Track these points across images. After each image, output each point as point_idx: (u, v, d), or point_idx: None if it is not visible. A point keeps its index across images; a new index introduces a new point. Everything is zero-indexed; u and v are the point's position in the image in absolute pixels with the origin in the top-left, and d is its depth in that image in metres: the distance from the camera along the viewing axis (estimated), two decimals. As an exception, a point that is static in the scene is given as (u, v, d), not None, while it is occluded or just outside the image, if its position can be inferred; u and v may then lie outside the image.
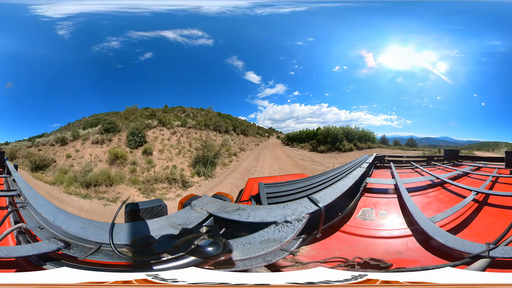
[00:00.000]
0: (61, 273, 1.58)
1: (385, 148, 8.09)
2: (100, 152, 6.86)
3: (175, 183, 6.76)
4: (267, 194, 2.95)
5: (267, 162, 9.07)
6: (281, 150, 10.44)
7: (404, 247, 2.07)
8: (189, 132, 9.09)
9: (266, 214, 2.00)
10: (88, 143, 7.05)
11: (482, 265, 1.58)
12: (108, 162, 6.65)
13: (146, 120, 8.24)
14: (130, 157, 7.04)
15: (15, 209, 2.33)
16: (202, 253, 1.47)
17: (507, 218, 2.23)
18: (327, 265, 1.77)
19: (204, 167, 7.57)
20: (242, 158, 9.40)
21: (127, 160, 6.87)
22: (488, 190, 2.98)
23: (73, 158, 6.78)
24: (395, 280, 1.58)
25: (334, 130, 8.72)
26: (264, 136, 11.22)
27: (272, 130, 11.18)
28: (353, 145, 8.63)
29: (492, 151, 6.91)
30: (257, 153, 10.10)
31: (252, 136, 10.80)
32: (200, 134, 9.11)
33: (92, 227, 1.99)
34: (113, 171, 6.40)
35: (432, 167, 5.16)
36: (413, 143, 7.73)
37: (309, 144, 9.64)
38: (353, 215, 2.53)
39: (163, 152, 7.75)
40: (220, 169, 8.25)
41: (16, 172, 3.89)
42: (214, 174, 7.79)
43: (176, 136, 8.70)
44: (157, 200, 2.35)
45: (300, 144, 9.99)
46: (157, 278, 1.52)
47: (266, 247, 1.70)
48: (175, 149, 8.16)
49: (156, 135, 8.33)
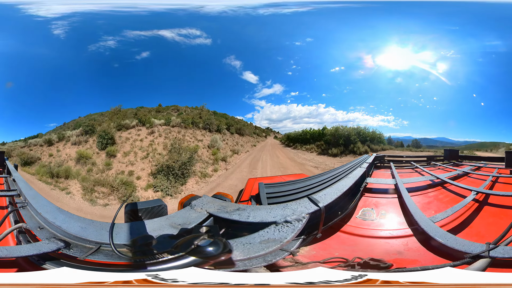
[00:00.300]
0: (61, 273, 1.58)
1: (399, 150, 7.82)
2: (73, 152, 7.37)
3: (117, 192, 6.35)
4: (267, 194, 2.95)
5: (269, 172, 7.92)
6: (283, 153, 9.57)
7: (404, 247, 2.07)
8: (171, 131, 8.32)
9: (266, 214, 2.00)
10: (69, 144, 7.58)
11: (482, 265, 1.58)
12: (74, 160, 7.18)
13: (123, 121, 7.86)
14: (95, 158, 7.20)
15: (15, 209, 2.33)
16: (202, 253, 1.47)
17: (507, 218, 2.22)
18: (327, 265, 1.77)
19: (166, 180, 6.25)
20: (233, 164, 8.36)
21: (89, 160, 7.13)
22: (488, 190, 2.98)
23: (53, 156, 7.38)
24: (395, 280, 1.58)
25: (345, 131, 8.27)
26: (261, 136, 10.62)
27: (270, 130, 10.71)
28: (366, 147, 8.09)
29: (490, 151, 6.92)
30: (253, 157, 9.15)
31: (248, 135, 10.08)
32: (183, 134, 8.42)
33: (92, 227, 1.99)
34: (75, 168, 6.99)
35: (432, 167, 5.16)
36: (418, 145, 7.72)
37: (316, 146, 8.91)
38: (353, 215, 2.52)
39: (127, 155, 7.26)
40: (195, 184, 7.06)
41: (16, 172, 3.89)
42: (181, 190, 6.51)
43: (153, 136, 8.02)
44: (157, 200, 2.35)
45: (305, 146, 9.22)
46: (157, 278, 1.52)
47: (266, 247, 1.70)
48: (144, 151, 7.46)
49: (131, 136, 7.89)
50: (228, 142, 9.29)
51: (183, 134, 8.47)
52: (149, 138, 8.06)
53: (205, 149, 8.51)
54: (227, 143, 9.14)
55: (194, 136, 8.61)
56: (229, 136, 9.43)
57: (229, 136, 9.41)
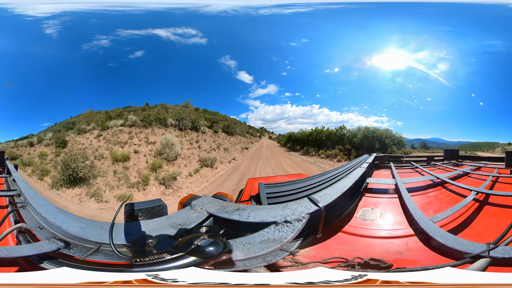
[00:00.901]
0: (61, 273, 1.58)
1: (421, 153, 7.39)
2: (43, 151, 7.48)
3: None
4: (267, 194, 2.95)
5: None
6: (290, 161, 8.20)
7: (404, 247, 2.07)
8: (122, 132, 7.29)
9: (266, 214, 2.00)
10: (42, 145, 7.64)
11: (482, 265, 1.58)
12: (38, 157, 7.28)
13: (81, 125, 7.48)
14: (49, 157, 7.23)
15: (15, 209, 2.33)
16: (202, 253, 1.47)
17: (507, 218, 2.23)
18: (327, 265, 1.77)
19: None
20: (184, 192, 6.00)
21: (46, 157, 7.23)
22: (488, 190, 2.98)
23: (29, 153, 7.48)
24: (395, 280, 1.58)
25: (376, 133, 7.34)
26: (255, 136, 9.73)
27: (264, 130, 9.96)
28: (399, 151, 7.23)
29: (487, 151, 6.94)
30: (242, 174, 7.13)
31: (240, 135, 9.01)
32: (134, 134, 7.31)
33: (92, 227, 1.99)
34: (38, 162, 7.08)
35: (432, 167, 5.16)
36: (425, 146, 7.71)
37: (340, 151, 7.55)
38: (353, 215, 2.52)
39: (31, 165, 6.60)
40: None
41: (16, 172, 3.89)
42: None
43: (97, 140, 7.20)
44: (157, 200, 2.35)
45: (322, 151, 7.78)
46: (157, 278, 1.52)
47: (266, 247, 1.70)
48: (51, 161, 6.62)
49: (80, 140, 7.32)
50: (204, 145, 7.68)
51: (132, 135, 7.27)
52: (94, 142, 7.29)
53: (149, 156, 6.86)
54: (200, 146, 7.60)
55: (147, 137, 7.27)
56: (210, 136, 7.99)
57: (209, 136, 7.95)
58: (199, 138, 8.05)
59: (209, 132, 8.32)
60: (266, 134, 10.19)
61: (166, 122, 7.62)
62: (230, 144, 8.61)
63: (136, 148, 7.10)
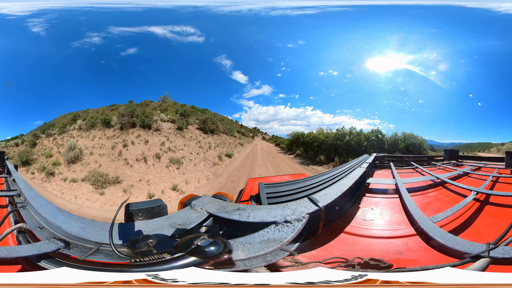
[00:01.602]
0: (61, 273, 1.58)
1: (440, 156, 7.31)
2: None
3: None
4: (267, 194, 2.95)
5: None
6: None
7: (404, 247, 2.07)
8: (71, 135, 7.24)
9: (266, 214, 2.00)
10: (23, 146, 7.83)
11: (482, 265, 1.58)
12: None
13: (49, 130, 7.62)
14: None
15: (15, 209, 2.33)
16: (202, 253, 1.47)
17: (507, 218, 2.23)
18: (327, 265, 1.77)
19: None
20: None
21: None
22: (488, 190, 2.99)
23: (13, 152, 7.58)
24: (395, 280, 1.58)
25: (411, 137, 6.87)
26: (247, 136, 8.84)
27: (257, 130, 9.31)
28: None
29: (482, 152, 6.96)
30: None
31: (226, 135, 7.68)
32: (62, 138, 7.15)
33: (92, 227, 1.99)
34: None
35: (432, 167, 5.17)
36: (433, 149, 7.71)
37: None
38: (353, 215, 2.52)
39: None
40: None
41: (16, 172, 3.89)
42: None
43: (51, 142, 7.27)
44: (157, 200, 2.35)
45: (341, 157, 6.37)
46: (157, 278, 1.52)
47: (266, 247, 1.70)
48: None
49: (44, 143, 7.56)
50: (132, 151, 5.73)
51: (68, 139, 7.08)
52: (49, 144, 7.46)
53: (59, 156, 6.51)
54: (120, 152, 5.82)
55: (62, 140, 6.92)
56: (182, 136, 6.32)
57: (164, 135, 6.06)
58: (140, 138, 6.32)
59: (170, 130, 6.50)
60: (259, 134, 9.39)
61: (109, 122, 6.85)
62: (199, 149, 6.43)
63: (58, 150, 7.28)
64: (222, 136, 7.52)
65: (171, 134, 6.62)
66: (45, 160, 7.07)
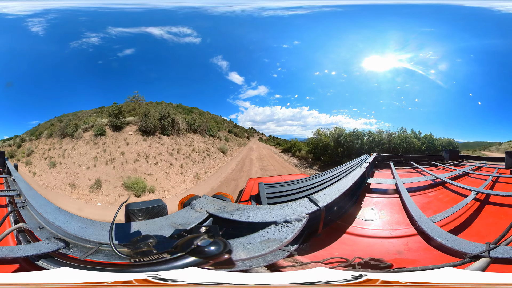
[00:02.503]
0: (61, 273, 1.58)
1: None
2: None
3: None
4: (267, 194, 2.95)
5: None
6: None
7: (404, 247, 2.07)
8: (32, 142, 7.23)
9: (266, 214, 2.00)
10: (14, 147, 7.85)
11: (482, 265, 1.58)
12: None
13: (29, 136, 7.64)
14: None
15: (15, 209, 2.33)
16: (202, 253, 1.47)
17: (507, 218, 2.23)
18: (327, 265, 1.77)
19: None
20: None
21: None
22: (488, 190, 2.98)
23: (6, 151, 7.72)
24: (395, 280, 1.58)
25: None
26: (241, 137, 7.97)
27: (254, 131, 8.75)
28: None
29: (480, 151, 6.97)
30: None
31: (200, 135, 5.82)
32: None
33: (92, 227, 1.99)
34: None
35: (432, 167, 5.16)
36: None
37: None
38: (353, 215, 2.52)
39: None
40: None
41: (16, 172, 3.89)
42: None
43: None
44: (157, 200, 2.35)
45: None
46: (157, 278, 1.52)
47: (266, 247, 1.70)
48: None
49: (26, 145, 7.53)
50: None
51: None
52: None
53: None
54: None
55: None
56: (117, 143, 5.02)
57: (114, 142, 4.96)
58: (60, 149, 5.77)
59: (88, 137, 5.40)
60: (255, 135, 8.67)
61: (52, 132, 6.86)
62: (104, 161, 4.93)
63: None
64: (187, 137, 5.57)
65: (122, 142, 5.50)
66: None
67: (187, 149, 5.39)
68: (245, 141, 7.39)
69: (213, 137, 6.24)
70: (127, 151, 5.21)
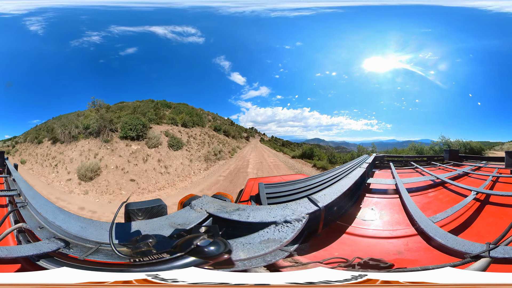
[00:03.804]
0: (61, 273, 1.58)
1: None
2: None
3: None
4: (267, 194, 2.95)
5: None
6: None
7: (404, 247, 2.07)
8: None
9: (266, 214, 2.00)
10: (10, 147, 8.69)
11: (482, 265, 1.58)
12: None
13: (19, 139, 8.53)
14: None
15: (15, 209, 2.33)
16: (202, 253, 1.47)
17: (507, 218, 2.23)
18: (327, 265, 1.77)
19: None
20: None
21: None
22: (488, 190, 2.98)
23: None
24: (395, 280, 1.58)
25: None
26: (236, 138, 7.85)
27: (254, 131, 8.66)
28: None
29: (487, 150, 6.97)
30: None
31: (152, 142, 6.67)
32: None
33: (92, 226, 1.99)
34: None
35: (432, 167, 5.16)
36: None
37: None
38: (353, 215, 2.52)
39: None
40: None
41: (16, 172, 3.89)
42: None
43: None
44: (157, 200, 2.35)
45: None
46: (157, 278, 1.52)
47: (266, 247, 1.70)
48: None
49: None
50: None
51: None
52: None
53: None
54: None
55: None
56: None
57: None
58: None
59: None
60: (256, 135, 8.69)
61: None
62: None
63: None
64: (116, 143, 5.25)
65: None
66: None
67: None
68: (244, 142, 7.02)
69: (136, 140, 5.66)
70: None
